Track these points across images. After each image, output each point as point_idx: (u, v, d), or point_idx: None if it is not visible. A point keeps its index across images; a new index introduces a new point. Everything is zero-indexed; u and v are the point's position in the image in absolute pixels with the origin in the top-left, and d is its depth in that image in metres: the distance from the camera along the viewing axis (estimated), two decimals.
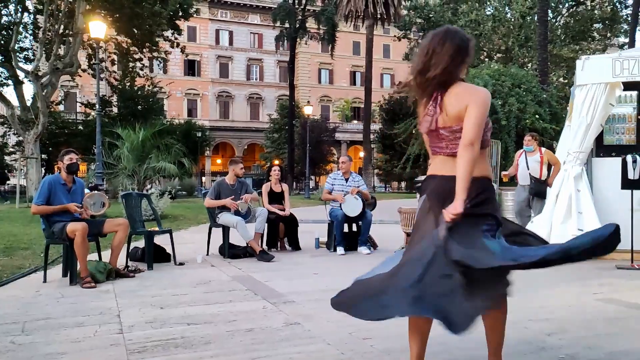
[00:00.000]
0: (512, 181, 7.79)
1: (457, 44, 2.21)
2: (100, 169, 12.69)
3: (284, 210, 7.19)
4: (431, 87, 2.23)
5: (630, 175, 5.53)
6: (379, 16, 31.23)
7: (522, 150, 7.34)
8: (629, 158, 5.55)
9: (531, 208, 7.15)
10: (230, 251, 6.50)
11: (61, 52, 19.75)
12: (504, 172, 7.64)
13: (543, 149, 7.22)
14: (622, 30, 28.33)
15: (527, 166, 7.07)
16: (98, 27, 13.06)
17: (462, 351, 2.81)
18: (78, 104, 32.48)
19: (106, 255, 5.27)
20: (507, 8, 25.52)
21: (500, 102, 13.17)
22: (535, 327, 3.27)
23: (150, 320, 3.49)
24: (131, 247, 6.07)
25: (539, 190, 7.00)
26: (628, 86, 6.13)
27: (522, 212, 7.26)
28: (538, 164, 7.08)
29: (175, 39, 22.99)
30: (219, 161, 49.29)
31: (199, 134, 36.83)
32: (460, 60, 2.23)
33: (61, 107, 32.98)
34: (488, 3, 26.64)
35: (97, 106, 13.89)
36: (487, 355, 2.40)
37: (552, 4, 24.94)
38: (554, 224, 6.09)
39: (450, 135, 2.22)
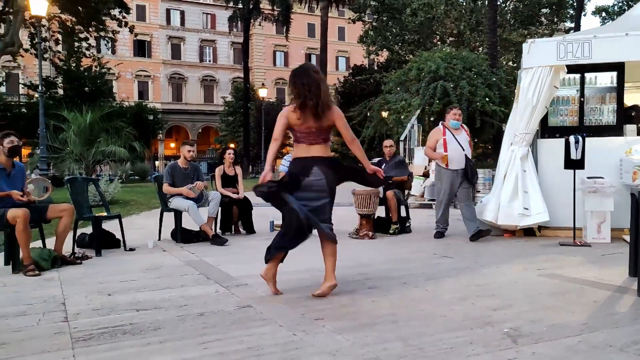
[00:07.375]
0: None
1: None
2: (44, 153, 12.19)
3: (237, 193, 7.12)
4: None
5: (573, 156, 5.73)
6: None
7: (440, 127, 6.26)
8: (571, 139, 5.75)
9: (456, 196, 6.31)
10: (182, 236, 6.38)
11: (1, 30, 18.73)
12: (440, 154, 6.11)
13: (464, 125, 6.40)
14: (568, 16, 29.27)
15: (462, 146, 6.18)
16: (39, 4, 12.39)
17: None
18: (21, 86, 31.02)
19: (51, 242, 5.09)
20: None
21: (452, 85, 13.39)
22: (482, 303, 3.37)
23: (97, 308, 3.39)
24: (78, 234, 5.88)
25: (473, 174, 6.25)
26: (571, 69, 6.30)
27: (449, 202, 6.37)
28: (468, 143, 6.28)
29: (123, 17, 22.12)
30: (172, 145, 48.15)
31: (151, 117, 35.88)
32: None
33: (2, 89, 31.49)
34: None
35: (40, 87, 13.30)
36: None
37: None
38: (502, 203, 6.25)
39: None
